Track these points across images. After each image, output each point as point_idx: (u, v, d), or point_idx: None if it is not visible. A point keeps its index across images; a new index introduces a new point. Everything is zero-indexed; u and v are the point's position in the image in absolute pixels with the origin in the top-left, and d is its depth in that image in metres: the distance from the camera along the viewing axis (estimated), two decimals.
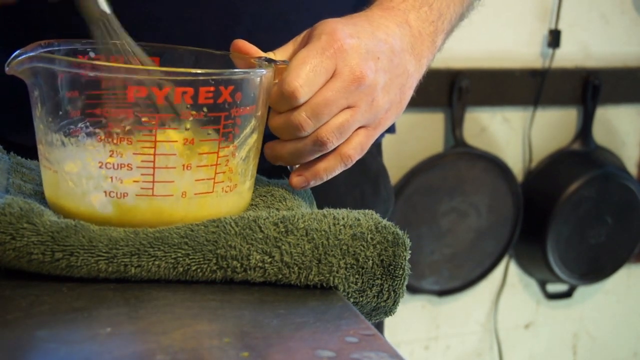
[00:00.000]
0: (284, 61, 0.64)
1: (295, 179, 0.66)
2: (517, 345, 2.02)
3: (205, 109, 0.58)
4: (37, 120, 0.60)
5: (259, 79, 0.61)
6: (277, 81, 0.62)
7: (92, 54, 0.65)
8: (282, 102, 0.62)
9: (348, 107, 0.63)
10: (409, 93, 0.69)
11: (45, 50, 0.60)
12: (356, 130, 0.65)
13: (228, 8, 0.75)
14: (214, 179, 0.60)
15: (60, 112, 0.59)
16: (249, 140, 0.62)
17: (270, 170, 0.76)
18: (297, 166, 0.67)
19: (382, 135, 0.93)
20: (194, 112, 0.58)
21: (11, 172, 0.67)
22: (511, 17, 1.79)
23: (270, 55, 0.65)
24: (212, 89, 0.57)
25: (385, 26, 0.67)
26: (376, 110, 0.65)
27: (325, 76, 0.62)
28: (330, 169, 0.66)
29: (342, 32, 0.63)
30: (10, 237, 0.55)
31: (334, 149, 0.65)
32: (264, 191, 0.68)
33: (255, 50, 0.65)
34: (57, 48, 0.63)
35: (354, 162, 0.66)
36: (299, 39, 0.67)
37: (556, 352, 2.07)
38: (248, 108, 0.60)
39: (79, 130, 0.59)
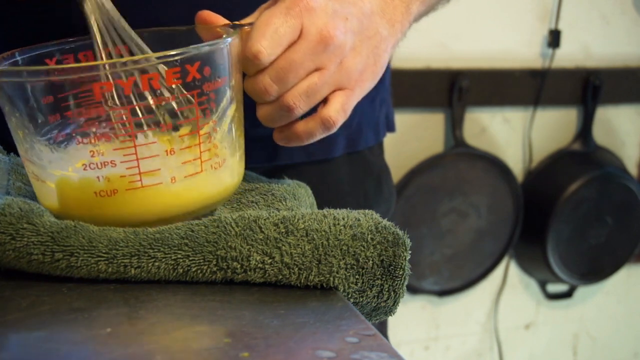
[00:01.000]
0: (250, 24, 0.62)
1: (277, 135, 0.65)
2: (517, 345, 2.02)
3: (175, 91, 0.57)
4: (14, 134, 0.59)
5: (225, 48, 0.59)
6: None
7: (58, 55, 0.63)
8: (248, 65, 0.59)
9: (316, 70, 0.61)
10: (385, 57, 0.66)
11: (8, 62, 0.59)
12: (333, 92, 0.63)
13: (231, 10, 0.75)
14: (200, 157, 0.59)
15: (34, 123, 0.58)
16: (228, 112, 0.61)
17: (271, 171, 0.76)
18: None
19: (382, 134, 0.93)
20: (165, 96, 0.57)
21: (11, 173, 0.67)
22: (511, 17, 1.79)
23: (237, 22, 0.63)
24: (177, 69, 0.56)
25: None
26: (347, 71, 0.63)
27: (291, 36, 0.59)
28: (310, 133, 0.63)
29: None
30: (10, 237, 0.55)
31: (315, 113, 0.63)
32: (264, 190, 0.68)
33: (220, 19, 0.63)
34: (18, 58, 0.61)
35: (337, 125, 0.63)
36: (264, 5, 0.64)
37: (556, 353, 2.07)
38: (220, 80, 0.59)
39: (56, 137, 0.58)
